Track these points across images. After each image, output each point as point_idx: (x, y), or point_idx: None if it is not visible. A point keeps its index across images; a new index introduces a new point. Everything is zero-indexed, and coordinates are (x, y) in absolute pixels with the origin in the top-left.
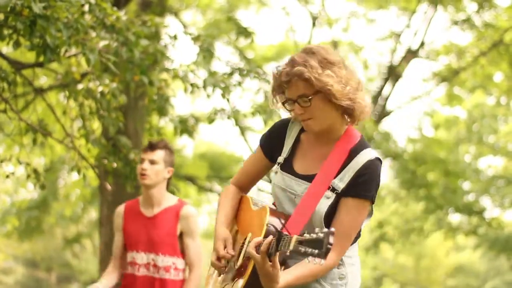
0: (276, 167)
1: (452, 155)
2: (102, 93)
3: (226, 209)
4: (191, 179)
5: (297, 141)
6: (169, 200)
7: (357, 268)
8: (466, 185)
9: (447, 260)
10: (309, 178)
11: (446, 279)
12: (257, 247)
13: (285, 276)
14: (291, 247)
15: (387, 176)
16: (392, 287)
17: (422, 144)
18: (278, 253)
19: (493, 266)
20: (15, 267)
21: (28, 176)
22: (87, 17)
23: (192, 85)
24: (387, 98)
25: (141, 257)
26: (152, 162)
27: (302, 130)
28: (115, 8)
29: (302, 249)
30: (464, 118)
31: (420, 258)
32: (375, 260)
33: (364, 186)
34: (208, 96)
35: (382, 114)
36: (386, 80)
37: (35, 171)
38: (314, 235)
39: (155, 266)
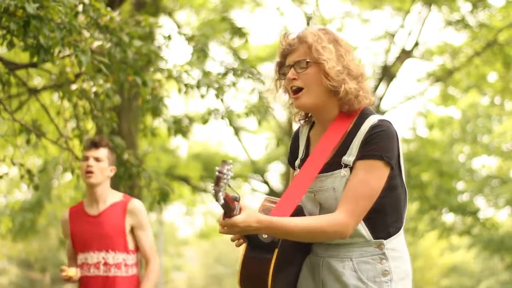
0: (296, 171)
1: (446, 155)
2: (96, 93)
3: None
4: (185, 180)
5: (308, 140)
6: (115, 197)
7: (403, 261)
8: (460, 185)
9: (441, 260)
10: (321, 170)
11: (440, 279)
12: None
13: (277, 218)
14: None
15: None
16: None
17: (416, 144)
18: (235, 203)
19: (487, 266)
20: (9, 267)
21: (22, 177)
22: (81, 17)
23: (186, 85)
24: (381, 98)
25: (91, 257)
26: (97, 159)
27: (310, 129)
28: (109, 9)
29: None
30: (458, 118)
31: (414, 258)
32: None
33: (369, 147)
34: (202, 96)
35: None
36: (380, 80)
37: (29, 171)
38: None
39: (106, 264)
